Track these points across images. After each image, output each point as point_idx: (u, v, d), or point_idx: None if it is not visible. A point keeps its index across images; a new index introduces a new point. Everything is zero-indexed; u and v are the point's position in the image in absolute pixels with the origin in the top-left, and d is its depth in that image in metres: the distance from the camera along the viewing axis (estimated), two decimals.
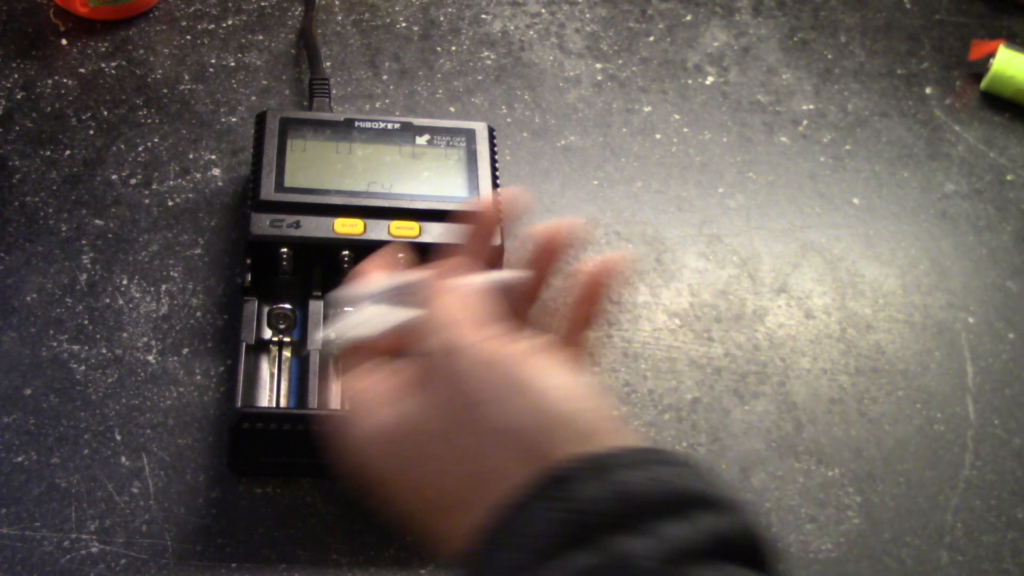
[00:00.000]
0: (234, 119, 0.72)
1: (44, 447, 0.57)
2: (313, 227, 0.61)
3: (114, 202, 0.67)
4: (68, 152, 0.69)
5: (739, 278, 0.69)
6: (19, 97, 0.71)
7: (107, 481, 0.56)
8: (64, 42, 0.74)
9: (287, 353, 0.59)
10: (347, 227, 0.61)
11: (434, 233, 0.61)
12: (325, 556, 0.55)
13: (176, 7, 0.77)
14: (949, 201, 0.76)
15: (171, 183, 0.68)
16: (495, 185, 0.64)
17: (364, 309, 0.46)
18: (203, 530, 0.55)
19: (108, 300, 0.63)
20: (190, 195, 0.68)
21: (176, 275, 0.64)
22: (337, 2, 0.80)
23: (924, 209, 0.75)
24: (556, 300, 0.47)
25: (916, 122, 0.80)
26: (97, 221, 0.66)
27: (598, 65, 0.79)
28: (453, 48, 0.78)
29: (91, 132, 0.70)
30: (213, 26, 0.77)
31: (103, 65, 0.73)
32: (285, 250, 0.60)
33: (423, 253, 0.61)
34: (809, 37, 0.83)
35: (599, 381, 0.63)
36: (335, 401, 0.58)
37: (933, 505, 0.61)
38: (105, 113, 0.71)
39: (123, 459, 0.57)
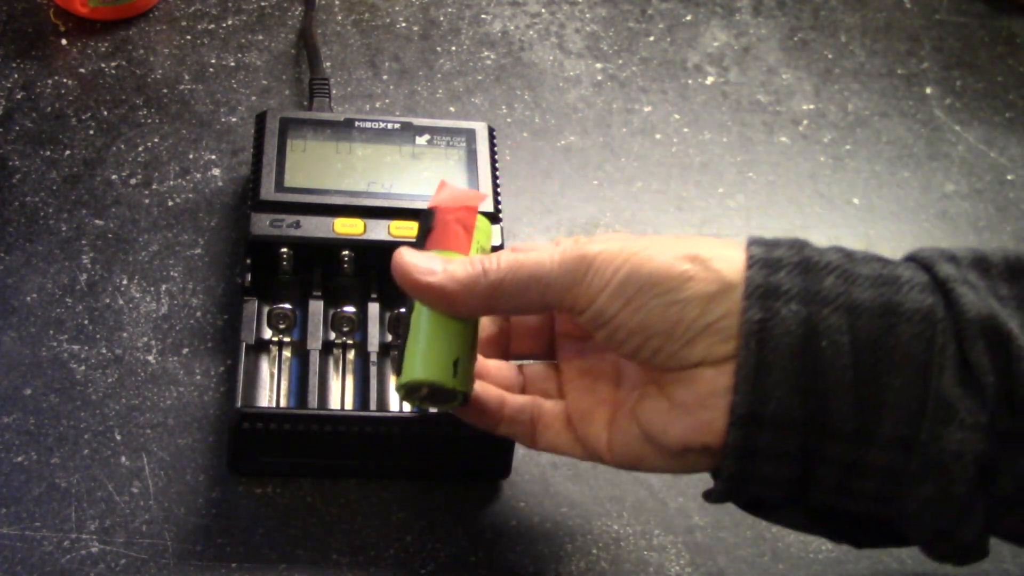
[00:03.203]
0: (234, 119, 0.72)
1: (44, 447, 0.57)
2: (313, 227, 0.61)
3: (114, 202, 0.67)
4: (68, 152, 0.69)
5: None
6: (19, 97, 0.71)
7: (107, 481, 0.56)
8: (64, 42, 0.74)
9: (287, 353, 0.59)
10: (347, 227, 0.61)
11: None
12: (325, 556, 0.55)
13: (176, 7, 0.77)
14: (949, 201, 0.76)
15: (171, 183, 0.68)
16: (495, 185, 0.64)
17: None
18: (203, 530, 0.55)
19: (108, 300, 0.63)
20: (190, 195, 0.68)
21: (176, 275, 0.64)
22: (337, 2, 0.80)
23: (924, 209, 0.75)
24: None
25: (916, 122, 0.80)
26: (97, 221, 0.66)
27: (598, 65, 0.79)
28: (453, 48, 0.78)
29: (91, 132, 0.70)
30: (213, 26, 0.77)
31: (103, 65, 0.73)
32: (285, 250, 0.60)
33: None
34: (809, 37, 0.83)
35: None
36: (335, 401, 0.58)
37: None
38: (105, 113, 0.71)
39: (123, 459, 0.57)
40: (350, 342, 0.60)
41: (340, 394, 0.58)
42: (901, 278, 0.44)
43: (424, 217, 0.51)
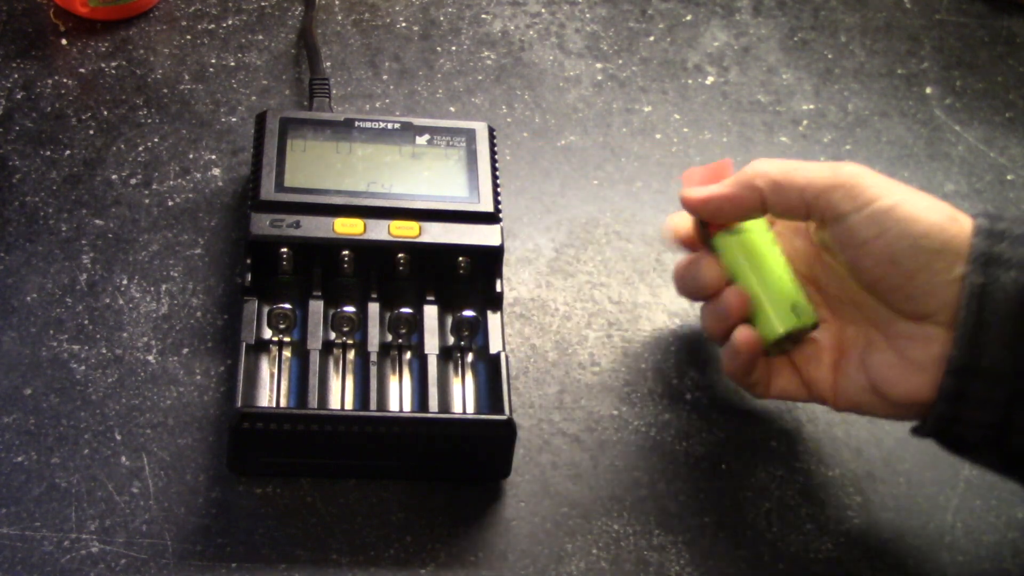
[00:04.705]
0: (234, 119, 0.72)
1: (44, 447, 0.57)
2: (313, 227, 0.61)
3: (114, 202, 0.67)
4: (68, 152, 0.69)
5: None
6: (19, 97, 0.71)
7: (107, 481, 0.56)
8: (64, 42, 0.74)
9: (287, 353, 0.59)
10: (347, 227, 0.61)
11: (434, 233, 0.61)
12: (325, 556, 0.55)
13: (176, 7, 0.77)
14: (949, 201, 0.75)
15: (171, 183, 0.68)
16: (495, 185, 0.64)
17: None
18: (203, 530, 0.55)
19: (108, 300, 0.63)
20: (190, 195, 0.68)
21: (176, 275, 0.64)
22: (337, 2, 0.80)
23: None
24: None
25: (916, 122, 0.80)
26: (97, 221, 0.66)
27: (598, 65, 0.79)
28: (453, 48, 0.78)
29: (91, 132, 0.70)
30: (213, 26, 0.77)
31: (103, 65, 0.73)
32: (285, 250, 0.60)
33: (422, 253, 0.62)
34: (809, 37, 0.84)
35: (599, 380, 0.63)
36: (335, 401, 0.58)
37: (933, 505, 0.61)
38: (105, 113, 0.71)
39: (123, 459, 0.57)
40: (350, 342, 0.60)
41: (340, 394, 0.58)
42: None
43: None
